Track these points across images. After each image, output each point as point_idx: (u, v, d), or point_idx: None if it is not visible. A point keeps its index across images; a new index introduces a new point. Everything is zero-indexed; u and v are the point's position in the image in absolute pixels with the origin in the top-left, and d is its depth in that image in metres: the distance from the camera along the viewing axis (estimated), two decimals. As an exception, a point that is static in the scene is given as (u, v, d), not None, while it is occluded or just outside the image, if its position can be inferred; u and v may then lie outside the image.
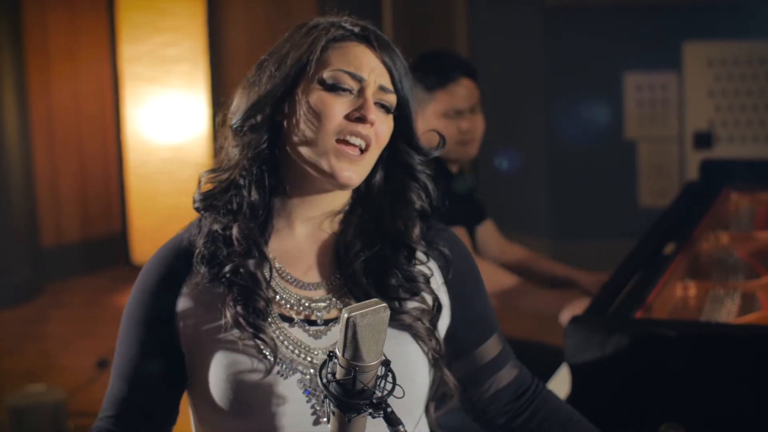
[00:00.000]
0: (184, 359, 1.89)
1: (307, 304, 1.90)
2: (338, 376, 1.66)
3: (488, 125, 3.64)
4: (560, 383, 3.01)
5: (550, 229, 7.12)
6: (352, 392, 1.65)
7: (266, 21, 7.40)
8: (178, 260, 1.90)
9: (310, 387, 1.84)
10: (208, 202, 1.90)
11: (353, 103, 1.87)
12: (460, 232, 3.47)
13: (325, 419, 1.83)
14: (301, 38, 1.91)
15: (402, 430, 1.66)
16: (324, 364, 1.69)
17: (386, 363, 1.69)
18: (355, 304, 1.65)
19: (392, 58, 1.91)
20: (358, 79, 1.87)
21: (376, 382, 1.67)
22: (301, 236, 1.94)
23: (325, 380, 1.68)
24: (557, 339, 3.17)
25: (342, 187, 1.89)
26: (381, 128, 1.89)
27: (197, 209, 1.92)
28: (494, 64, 7.20)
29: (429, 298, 1.96)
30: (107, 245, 7.60)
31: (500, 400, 2.05)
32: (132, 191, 7.44)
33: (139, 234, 7.45)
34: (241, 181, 1.89)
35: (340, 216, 1.97)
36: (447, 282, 2.00)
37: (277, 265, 1.91)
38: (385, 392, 1.68)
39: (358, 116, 1.86)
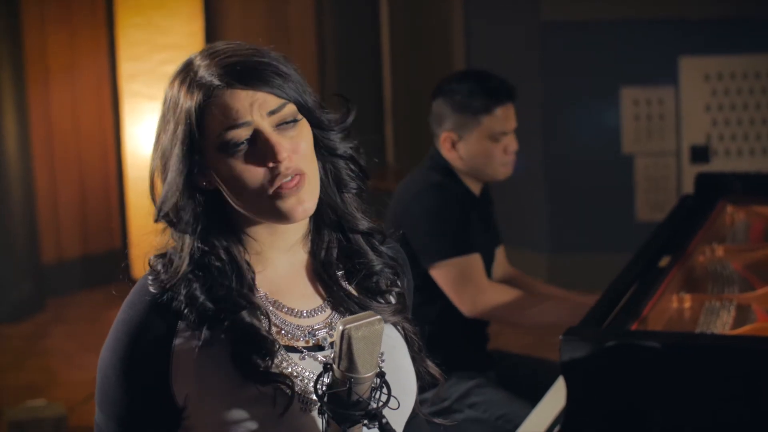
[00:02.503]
0: (178, 409, 1.85)
1: (310, 332, 1.89)
2: (334, 387, 1.68)
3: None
4: (556, 395, 3.02)
5: (547, 243, 7.12)
6: (348, 403, 1.67)
7: (264, 40, 7.40)
8: (161, 314, 1.84)
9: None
10: (171, 277, 1.85)
11: (259, 150, 1.81)
12: (476, 260, 3.49)
13: None
14: (175, 111, 1.84)
15: (397, 440, 1.68)
16: (320, 376, 1.71)
17: (381, 374, 1.71)
18: (350, 317, 1.68)
19: (263, 77, 1.82)
20: (246, 125, 1.80)
21: (371, 393, 1.70)
22: (283, 267, 1.92)
23: (320, 391, 1.70)
24: (553, 354, 3.19)
25: (299, 220, 1.86)
26: (300, 146, 1.83)
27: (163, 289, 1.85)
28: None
29: (403, 288, 2.00)
30: (108, 261, 7.60)
31: None
32: (132, 207, 7.45)
33: (139, 250, 7.43)
34: (198, 253, 1.85)
35: (310, 237, 1.95)
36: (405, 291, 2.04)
37: (271, 299, 1.89)
38: (380, 403, 1.70)
39: (271, 164, 1.79)
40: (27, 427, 4.64)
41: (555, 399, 3.01)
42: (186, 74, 1.86)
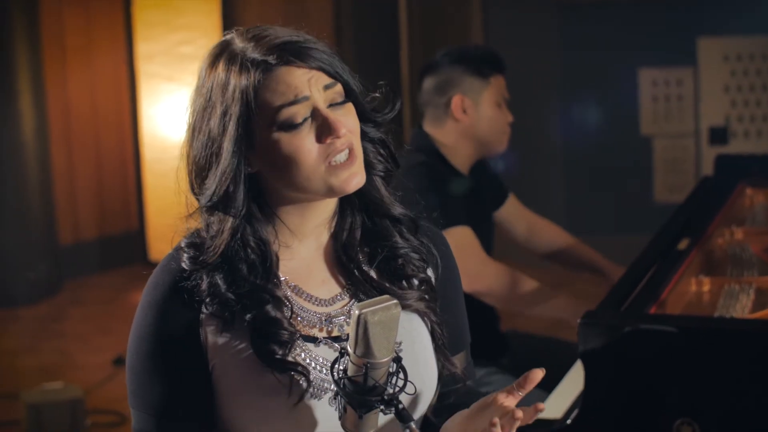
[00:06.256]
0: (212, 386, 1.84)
1: (327, 321, 1.87)
2: (350, 372, 1.67)
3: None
4: (574, 379, 3.01)
5: (566, 225, 7.07)
6: (364, 389, 1.66)
7: (281, 19, 7.39)
8: (187, 292, 1.83)
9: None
10: (200, 265, 1.83)
11: (315, 125, 1.81)
12: (464, 232, 3.43)
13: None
14: (224, 93, 1.83)
15: (413, 427, 1.67)
16: (336, 361, 1.70)
17: (398, 359, 1.70)
18: (366, 301, 1.66)
19: (316, 56, 1.82)
20: (305, 99, 1.80)
21: (387, 378, 1.68)
22: (305, 253, 1.91)
23: (336, 377, 1.68)
24: (571, 335, 3.17)
25: (352, 191, 1.86)
26: (350, 123, 1.84)
27: (193, 271, 1.84)
28: (509, 60, 7.17)
29: (431, 277, 1.96)
30: (124, 243, 7.61)
31: (442, 414, 1.97)
32: (148, 188, 7.46)
33: (156, 231, 7.47)
34: (232, 244, 1.83)
35: (334, 221, 1.94)
36: (436, 281, 1.99)
37: (291, 284, 1.88)
38: (397, 389, 1.69)
39: (329, 138, 1.80)
40: (44, 409, 4.65)
41: (573, 383, 3.00)
42: (231, 56, 1.84)
